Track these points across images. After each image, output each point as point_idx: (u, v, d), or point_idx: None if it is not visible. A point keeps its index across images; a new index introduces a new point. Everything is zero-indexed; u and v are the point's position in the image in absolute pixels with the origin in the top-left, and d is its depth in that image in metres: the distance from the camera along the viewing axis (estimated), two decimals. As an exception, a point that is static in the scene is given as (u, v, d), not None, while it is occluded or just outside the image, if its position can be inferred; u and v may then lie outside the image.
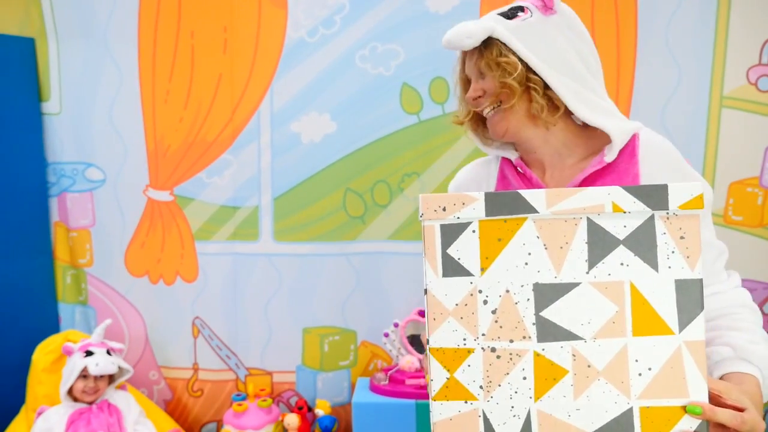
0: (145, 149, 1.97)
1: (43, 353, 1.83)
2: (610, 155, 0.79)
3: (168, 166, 1.97)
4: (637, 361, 0.59)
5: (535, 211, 0.60)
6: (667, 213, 0.59)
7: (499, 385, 0.61)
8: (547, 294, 0.60)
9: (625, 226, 0.59)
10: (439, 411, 0.62)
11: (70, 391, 1.68)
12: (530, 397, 0.60)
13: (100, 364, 1.68)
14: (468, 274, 0.61)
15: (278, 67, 1.91)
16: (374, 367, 2.04)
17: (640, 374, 0.59)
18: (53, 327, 2.06)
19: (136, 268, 2.03)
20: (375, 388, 1.84)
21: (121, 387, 1.83)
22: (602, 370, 0.60)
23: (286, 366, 2.03)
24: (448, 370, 0.62)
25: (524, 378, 0.61)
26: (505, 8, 0.85)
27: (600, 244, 0.60)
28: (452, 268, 0.61)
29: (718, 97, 1.86)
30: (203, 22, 1.90)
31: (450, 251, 0.61)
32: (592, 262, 0.60)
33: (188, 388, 2.07)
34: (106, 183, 2.00)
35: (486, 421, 0.61)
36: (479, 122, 0.94)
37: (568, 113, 0.85)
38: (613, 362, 0.60)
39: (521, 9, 0.84)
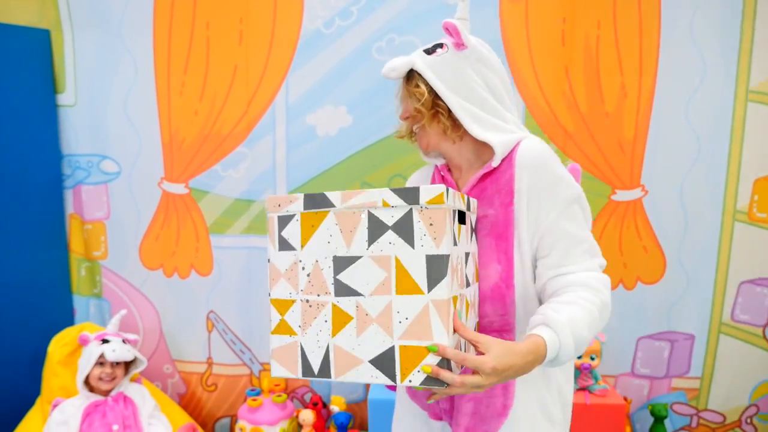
0: (160, 141, 1.96)
1: (58, 345, 1.83)
2: (494, 161, 0.97)
3: (183, 159, 1.96)
4: (398, 312, 0.80)
5: (334, 206, 0.83)
6: (421, 207, 0.78)
7: (310, 326, 0.85)
8: (341, 263, 0.83)
9: (392, 216, 0.81)
10: (276, 342, 0.87)
11: (86, 381, 1.67)
12: (329, 335, 0.84)
13: (117, 350, 1.68)
14: (293, 249, 0.86)
15: (294, 58, 1.89)
16: (389, 363, 2.01)
17: (400, 322, 0.80)
18: (68, 319, 2.06)
19: (151, 261, 2.02)
20: (392, 385, 1.81)
21: (137, 381, 1.83)
22: (375, 317, 0.81)
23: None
24: (281, 314, 0.87)
25: (326, 321, 0.84)
26: (429, 45, 1.00)
27: (376, 228, 0.81)
28: (284, 245, 0.87)
29: (744, 91, 1.81)
30: (219, 12, 1.88)
31: (283, 234, 0.87)
32: (370, 241, 0.81)
33: (202, 382, 2.06)
34: (121, 175, 1.99)
35: (302, 349, 0.86)
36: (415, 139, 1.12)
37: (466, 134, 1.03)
38: (382, 312, 0.81)
39: (440, 46, 0.99)
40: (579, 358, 1.84)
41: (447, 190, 0.78)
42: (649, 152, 1.87)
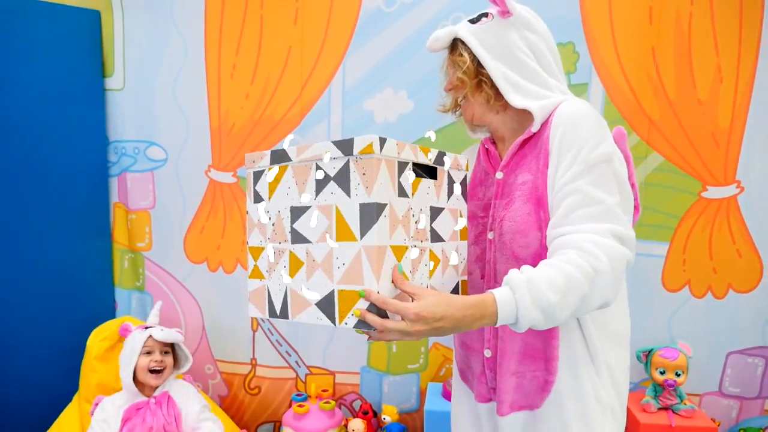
0: (208, 127, 1.86)
1: (97, 339, 1.73)
2: (534, 126, 0.95)
3: (232, 146, 1.85)
4: (337, 258, 0.83)
5: (291, 160, 0.88)
6: (355, 158, 0.80)
7: (274, 270, 0.91)
8: (296, 213, 0.88)
9: (334, 168, 0.83)
10: (251, 285, 0.95)
11: (134, 378, 1.52)
12: (288, 278, 0.89)
13: (165, 330, 1.56)
14: (262, 200, 0.92)
15: (352, 39, 1.76)
16: (446, 371, 1.85)
17: (338, 267, 0.83)
18: (109, 313, 1.97)
19: (196, 254, 1.92)
20: (449, 395, 1.65)
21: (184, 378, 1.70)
22: (320, 262, 0.85)
23: (350, 366, 1.87)
24: (254, 260, 0.94)
25: (285, 267, 0.90)
26: (474, 15, 1.01)
27: (322, 180, 0.85)
28: (257, 197, 0.93)
29: None
30: (274, -10, 1.77)
31: (256, 187, 0.93)
32: (317, 191, 0.85)
33: (245, 385, 1.94)
34: (167, 163, 1.90)
35: (268, 292, 0.92)
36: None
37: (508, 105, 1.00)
38: (325, 258, 0.84)
39: (485, 15, 1.00)
40: (662, 373, 1.64)
41: (380, 140, 0.79)
42: (746, 145, 1.67)
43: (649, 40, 1.67)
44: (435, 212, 0.92)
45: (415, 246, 0.87)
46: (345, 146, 0.81)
